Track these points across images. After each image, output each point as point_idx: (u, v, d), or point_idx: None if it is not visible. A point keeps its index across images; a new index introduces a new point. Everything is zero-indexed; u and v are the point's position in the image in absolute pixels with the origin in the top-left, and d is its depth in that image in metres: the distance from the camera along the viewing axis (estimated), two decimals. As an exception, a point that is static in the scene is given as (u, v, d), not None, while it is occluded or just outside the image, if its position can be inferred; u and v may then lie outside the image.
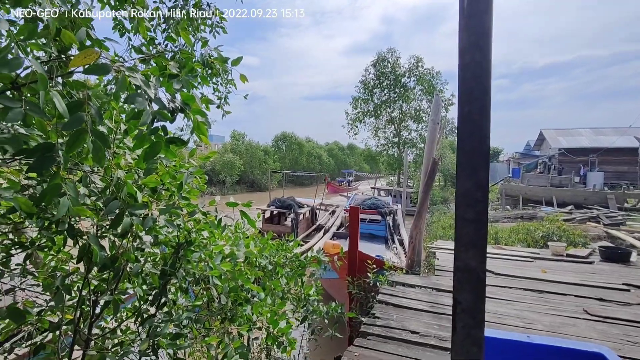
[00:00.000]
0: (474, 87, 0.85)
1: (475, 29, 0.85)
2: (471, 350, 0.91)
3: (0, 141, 1.40)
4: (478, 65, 0.82)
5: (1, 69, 1.11)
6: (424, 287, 4.20)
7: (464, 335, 0.90)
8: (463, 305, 0.90)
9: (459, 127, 0.89)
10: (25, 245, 2.00)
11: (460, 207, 0.90)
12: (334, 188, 28.83)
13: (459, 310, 0.91)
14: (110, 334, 2.09)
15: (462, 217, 0.90)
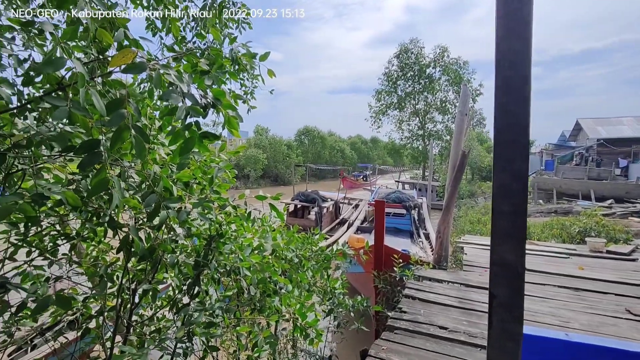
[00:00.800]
0: (512, 77, 0.82)
1: (514, 16, 0.82)
2: (508, 346, 0.89)
3: (49, 138, 1.49)
4: (517, 54, 0.80)
5: (47, 68, 1.18)
6: (452, 282, 4.13)
7: (501, 330, 0.89)
8: (500, 300, 0.88)
9: (496, 118, 0.87)
10: (70, 236, 2.14)
11: (497, 200, 0.88)
12: (350, 183, 27.66)
13: (495, 305, 0.89)
14: (148, 322, 2.20)
15: (499, 209, 0.88)
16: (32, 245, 2.03)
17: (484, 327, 2.85)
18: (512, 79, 0.81)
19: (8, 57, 2.06)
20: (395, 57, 29.37)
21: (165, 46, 2.72)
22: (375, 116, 31.07)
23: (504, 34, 0.84)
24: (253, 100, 2.74)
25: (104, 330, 2.17)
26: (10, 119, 1.63)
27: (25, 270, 1.93)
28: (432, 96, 29.01)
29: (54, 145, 1.60)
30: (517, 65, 0.80)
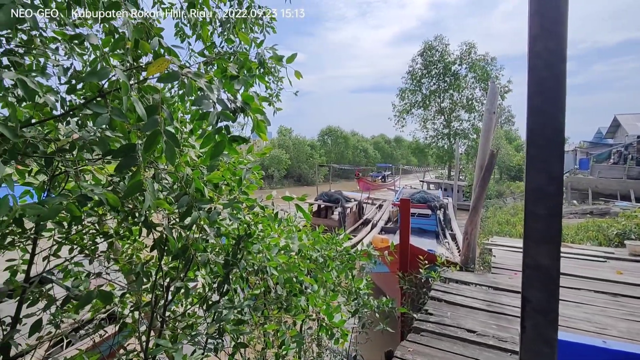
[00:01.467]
0: (546, 77, 0.80)
1: (548, 13, 0.80)
2: (542, 351, 0.87)
3: (91, 143, 1.58)
4: (552, 53, 0.78)
5: (92, 78, 1.26)
6: (480, 284, 4.02)
7: (535, 334, 0.87)
8: (533, 304, 0.86)
9: (529, 119, 0.85)
10: (108, 234, 2.26)
11: (530, 202, 0.87)
12: (367, 184, 26.18)
13: (529, 309, 0.88)
14: (180, 317, 2.29)
15: (532, 211, 0.86)
16: (74, 243, 2.16)
17: (515, 331, 2.77)
18: (546, 80, 0.79)
19: (53, 67, 2.21)
20: (419, 55, 28.88)
21: (192, 51, 2.82)
22: (399, 115, 30.69)
23: (537, 33, 0.82)
24: (278, 102, 2.80)
25: (139, 325, 2.28)
26: (55, 125, 1.74)
27: (66, 267, 2.06)
28: (458, 94, 28.30)
29: (94, 149, 1.70)
30: (552, 66, 0.78)
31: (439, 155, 30.05)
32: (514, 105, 30.03)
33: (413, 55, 30.02)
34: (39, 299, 1.94)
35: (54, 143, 1.68)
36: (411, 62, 29.54)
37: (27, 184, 1.86)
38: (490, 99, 5.28)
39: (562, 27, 0.78)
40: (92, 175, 2.07)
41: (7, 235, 1.92)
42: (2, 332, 1.80)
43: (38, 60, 2.15)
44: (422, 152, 33.42)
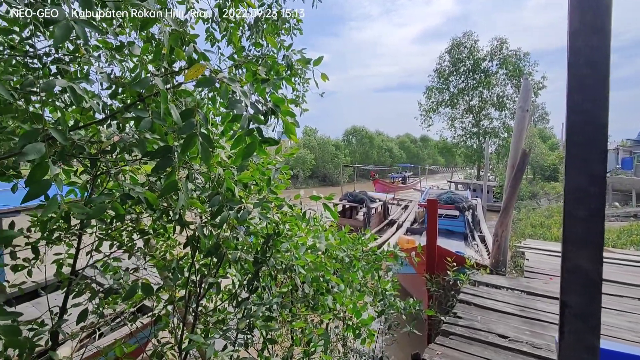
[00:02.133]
0: (587, 74, 0.77)
1: (590, 8, 0.77)
2: (583, 359, 0.84)
3: (131, 145, 1.67)
4: (594, 50, 0.75)
5: (135, 86, 1.34)
6: (512, 289, 3.88)
7: (574, 341, 0.84)
8: (573, 309, 0.84)
9: (569, 117, 0.82)
10: (145, 232, 2.37)
11: (570, 204, 0.84)
12: (383, 186, 24.91)
13: (568, 314, 0.85)
14: (211, 313, 2.37)
15: (572, 214, 0.84)
16: (113, 239, 2.29)
17: (550, 338, 2.66)
18: (587, 78, 0.77)
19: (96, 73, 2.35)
20: (447, 52, 28.18)
21: (222, 55, 2.91)
22: (425, 114, 30.08)
23: (578, 28, 0.79)
24: (304, 102, 2.83)
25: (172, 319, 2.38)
26: (97, 128, 1.85)
27: (106, 262, 2.18)
28: (488, 91, 27.36)
29: (133, 150, 1.80)
30: (595, 64, 0.76)
31: (468, 154, 29.18)
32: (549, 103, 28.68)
33: (440, 52, 29.29)
34: (83, 290, 2.07)
35: (97, 145, 1.79)
36: (438, 59, 28.91)
37: (71, 184, 1.98)
38: (523, 96, 5.08)
39: (605, 22, 0.75)
40: (129, 175, 2.19)
41: (54, 231, 2.06)
42: (52, 321, 1.95)
43: (82, 67, 2.29)
44: (450, 152, 32.59)
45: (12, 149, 1.96)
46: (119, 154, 1.79)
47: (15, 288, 1.98)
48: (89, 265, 2.13)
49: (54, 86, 1.33)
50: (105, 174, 1.94)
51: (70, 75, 2.04)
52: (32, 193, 1.02)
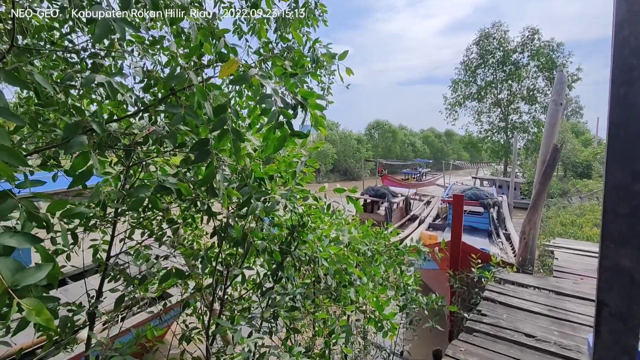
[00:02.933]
0: (634, 66, 0.74)
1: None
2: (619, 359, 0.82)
3: (163, 137, 1.73)
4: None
5: (171, 81, 1.38)
6: (540, 288, 3.76)
7: (612, 341, 0.82)
8: (611, 309, 0.81)
9: (611, 111, 0.79)
10: (174, 221, 2.46)
11: (610, 200, 0.81)
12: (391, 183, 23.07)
13: (605, 314, 0.83)
14: (237, 301, 2.44)
15: (613, 211, 0.81)
16: (145, 227, 2.39)
17: (580, 340, 2.57)
18: (635, 69, 0.73)
19: (129, 68, 2.43)
20: (475, 44, 27.24)
21: (250, 47, 2.94)
22: (450, 108, 29.32)
23: (625, 17, 0.76)
24: (330, 95, 2.83)
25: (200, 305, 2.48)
26: (129, 121, 1.93)
27: (138, 249, 2.28)
28: (518, 84, 26.30)
29: (164, 142, 1.86)
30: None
31: (494, 150, 28.26)
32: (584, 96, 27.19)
33: (467, 44, 28.37)
34: (118, 275, 2.18)
35: (131, 137, 1.87)
36: (465, 51, 28.01)
37: (105, 174, 2.07)
38: (557, 89, 4.86)
39: (657, 10, 0.72)
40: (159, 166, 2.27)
41: (91, 219, 2.18)
42: (88, 303, 2.07)
43: (116, 61, 2.39)
44: (475, 147, 31.64)
45: (53, 140, 2.08)
46: (151, 146, 1.86)
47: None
48: (122, 252, 2.24)
49: (93, 80, 1.39)
50: (138, 164, 2.02)
51: (106, 70, 2.13)
52: (76, 181, 1.08)
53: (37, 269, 0.80)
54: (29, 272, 0.77)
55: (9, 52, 1.52)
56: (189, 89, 1.62)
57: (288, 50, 2.49)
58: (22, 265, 0.78)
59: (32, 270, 0.79)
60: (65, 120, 2.05)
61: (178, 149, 1.75)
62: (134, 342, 2.12)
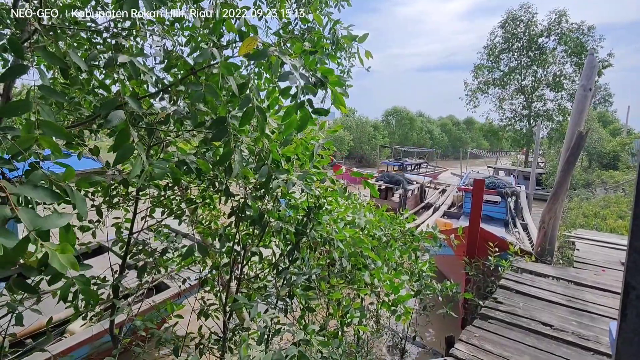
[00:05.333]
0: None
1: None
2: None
3: (184, 117, 1.75)
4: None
5: (198, 59, 1.39)
6: (559, 278, 3.69)
7: (638, 324, 0.80)
8: (639, 292, 0.79)
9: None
10: (192, 201, 2.51)
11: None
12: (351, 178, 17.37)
13: (633, 297, 0.80)
14: (253, 279, 2.50)
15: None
16: (165, 206, 2.45)
17: (600, 331, 2.52)
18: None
19: (150, 47, 2.45)
20: (500, 26, 26.14)
21: (269, 28, 2.92)
22: (471, 94, 28.48)
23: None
24: (350, 78, 2.79)
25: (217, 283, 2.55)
26: (149, 101, 1.95)
27: (158, 227, 2.35)
28: (543, 70, 25.23)
29: (183, 122, 1.88)
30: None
31: (516, 138, 27.42)
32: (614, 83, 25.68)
33: (492, 27, 27.24)
34: (140, 251, 2.26)
35: (153, 117, 1.90)
36: (489, 35, 26.96)
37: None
38: (586, 74, 4.63)
39: None
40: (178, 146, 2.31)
41: (114, 197, 2.25)
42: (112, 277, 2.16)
43: (137, 42, 2.41)
44: (496, 135, 30.76)
45: (78, 120, 2.13)
46: (171, 126, 1.89)
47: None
48: (143, 229, 2.32)
49: (117, 60, 1.41)
50: (158, 144, 2.06)
51: (128, 50, 2.16)
52: (120, 157, 1.11)
53: (58, 216, 0.83)
54: (49, 218, 0.80)
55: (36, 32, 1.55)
56: (209, 68, 1.62)
57: (308, 32, 2.46)
58: (39, 215, 0.81)
59: (53, 216, 0.82)
60: (89, 100, 2.10)
61: (197, 128, 1.77)
62: (156, 316, 2.21)
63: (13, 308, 1.65)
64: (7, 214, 0.79)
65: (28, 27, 1.55)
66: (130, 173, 1.49)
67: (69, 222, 0.89)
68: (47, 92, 1.08)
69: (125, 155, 1.17)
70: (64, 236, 0.91)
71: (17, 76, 1.18)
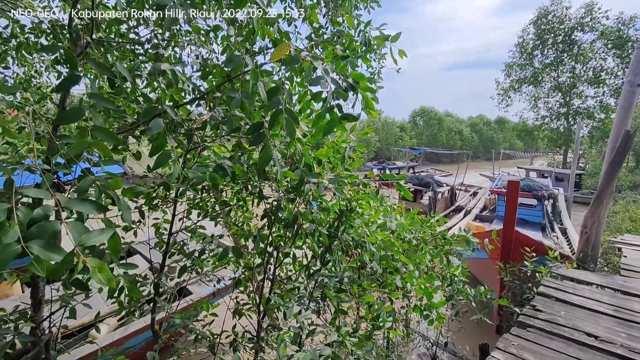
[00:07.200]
0: None
1: None
2: None
3: (221, 122, 1.82)
4: None
5: (229, 65, 1.44)
6: (604, 286, 3.47)
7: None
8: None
9: None
10: (227, 203, 2.59)
11: None
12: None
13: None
14: (286, 280, 2.54)
15: None
16: (201, 208, 2.55)
17: (652, 344, 2.35)
18: None
19: (188, 56, 2.56)
20: (532, 23, 25.04)
21: (299, 33, 2.97)
22: (503, 93, 27.44)
23: None
24: (380, 80, 2.78)
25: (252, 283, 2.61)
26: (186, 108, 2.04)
27: (194, 229, 2.44)
28: (582, 66, 23.86)
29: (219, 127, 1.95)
30: None
31: (552, 138, 26.04)
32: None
33: (524, 24, 26.11)
34: (179, 251, 2.36)
35: (190, 122, 1.98)
36: (521, 32, 25.89)
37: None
38: (633, 69, 4.34)
39: None
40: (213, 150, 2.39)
41: (154, 199, 2.36)
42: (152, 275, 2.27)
43: (174, 51, 2.52)
44: (531, 135, 29.37)
45: (123, 126, 2.26)
46: (208, 132, 1.97)
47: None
48: (181, 230, 2.42)
49: (159, 70, 1.49)
50: (195, 149, 2.15)
51: (167, 59, 2.27)
52: (158, 162, 1.17)
53: (100, 232, 0.89)
54: (93, 235, 0.86)
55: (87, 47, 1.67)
56: (243, 75, 1.68)
57: (338, 35, 2.48)
58: (88, 229, 0.87)
59: (96, 232, 0.88)
60: (133, 107, 2.23)
61: (232, 133, 1.83)
62: (193, 314, 2.30)
63: (67, 302, 1.78)
64: (57, 228, 0.86)
65: (80, 41, 1.68)
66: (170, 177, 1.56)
67: (114, 231, 0.96)
68: (97, 99, 1.17)
69: (163, 160, 1.24)
70: (111, 243, 0.98)
71: (71, 86, 1.27)
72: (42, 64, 3.59)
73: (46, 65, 3.56)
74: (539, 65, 25.31)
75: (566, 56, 24.02)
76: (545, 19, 24.24)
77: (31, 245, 0.72)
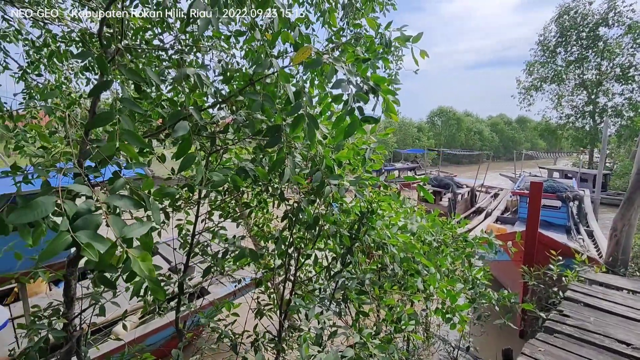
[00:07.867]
0: None
1: None
2: None
3: (244, 125, 1.85)
4: None
5: (258, 68, 1.47)
6: (637, 292, 3.33)
7: None
8: None
9: None
10: (248, 205, 2.63)
11: None
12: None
13: None
14: (307, 282, 2.56)
15: None
16: (222, 210, 2.59)
17: (690, 353, 2.24)
18: None
19: (210, 61, 2.61)
20: (553, 21, 24.30)
21: (316, 36, 2.99)
22: (525, 92, 26.70)
23: None
24: (398, 82, 2.77)
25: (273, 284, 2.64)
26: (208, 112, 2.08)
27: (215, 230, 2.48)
28: (609, 62, 22.96)
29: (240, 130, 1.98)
30: None
31: (577, 137, 25.15)
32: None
33: (545, 22, 25.38)
34: (202, 252, 2.41)
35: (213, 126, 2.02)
36: (542, 30, 25.16)
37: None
38: (665, 64, 4.15)
39: None
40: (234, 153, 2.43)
41: (178, 200, 2.42)
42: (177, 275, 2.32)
43: (196, 57, 2.58)
44: (554, 134, 28.45)
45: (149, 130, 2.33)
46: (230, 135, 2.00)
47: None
48: (203, 231, 2.47)
49: (185, 74, 1.54)
50: (216, 152, 2.19)
51: (190, 64, 2.33)
52: (184, 164, 1.21)
53: (139, 224, 0.93)
54: (132, 227, 0.90)
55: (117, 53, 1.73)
56: (264, 79, 1.70)
57: (358, 38, 2.48)
58: (126, 224, 0.91)
59: (136, 225, 0.92)
60: (157, 111, 2.30)
61: (255, 136, 1.86)
62: (215, 312, 2.34)
63: (97, 300, 1.85)
64: (100, 221, 0.90)
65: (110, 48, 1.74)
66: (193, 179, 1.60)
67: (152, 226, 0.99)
68: (127, 103, 1.21)
69: (188, 163, 1.27)
70: (143, 240, 1.01)
71: (103, 91, 1.32)
72: (71, 71, 3.76)
73: (75, 72, 3.72)
74: (562, 63, 24.52)
75: (591, 52, 23.18)
76: (567, 15, 23.50)
77: (79, 235, 0.76)
